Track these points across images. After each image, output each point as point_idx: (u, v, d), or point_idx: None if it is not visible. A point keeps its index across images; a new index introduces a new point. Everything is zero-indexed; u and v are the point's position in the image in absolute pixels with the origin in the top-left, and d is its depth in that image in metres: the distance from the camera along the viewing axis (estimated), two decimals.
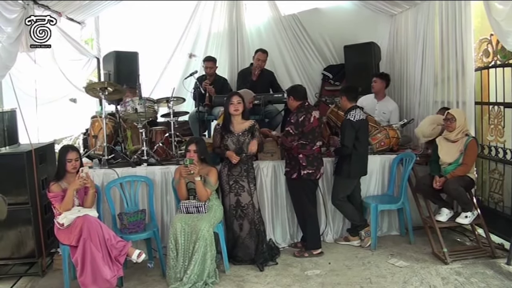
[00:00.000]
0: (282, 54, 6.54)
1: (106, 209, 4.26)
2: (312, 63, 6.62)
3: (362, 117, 4.41)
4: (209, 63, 5.86)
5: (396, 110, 5.42)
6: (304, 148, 4.24)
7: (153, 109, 4.72)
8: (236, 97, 4.22)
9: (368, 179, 4.77)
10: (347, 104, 4.48)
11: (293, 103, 4.32)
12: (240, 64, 6.48)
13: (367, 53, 6.02)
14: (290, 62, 6.54)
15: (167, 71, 6.46)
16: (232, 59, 6.54)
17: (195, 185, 4.00)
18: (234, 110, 4.18)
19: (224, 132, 4.23)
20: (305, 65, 6.60)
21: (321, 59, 6.62)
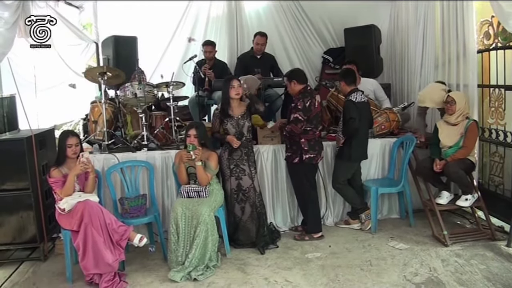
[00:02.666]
0: (281, 38, 6.49)
1: (107, 194, 4.26)
2: (312, 47, 6.57)
3: (364, 99, 4.39)
4: (208, 47, 5.83)
5: (377, 86, 5.38)
6: (306, 134, 4.22)
7: (153, 94, 4.71)
8: (236, 80, 4.20)
9: (369, 163, 4.76)
10: (346, 88, 4.46)
11: (296, 87, 4.27)
12: (239, 48, 6.44)
13: (367, 36, 5.97)
14: (290, 46, 6.50)
15: (166, 56, 6.43)
16: (232, 43, 6.49)
17: (196, 169, 4.00)
18: (236, 94, 4.16)
19: (223, 116, 4.21)
20: (305, 48, 6.55)
21: (321, 42, 6.57)
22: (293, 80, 4.29)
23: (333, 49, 6.57)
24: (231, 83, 4.18)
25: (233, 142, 4.13)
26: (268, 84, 5.34)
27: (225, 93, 4.20)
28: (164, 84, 4.81)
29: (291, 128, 4.20)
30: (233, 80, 4.20)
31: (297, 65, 6.21)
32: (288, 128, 4.22)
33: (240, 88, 4.18)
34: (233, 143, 4.13)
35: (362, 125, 4.36)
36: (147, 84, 4.66)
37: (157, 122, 4.93)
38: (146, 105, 4.69)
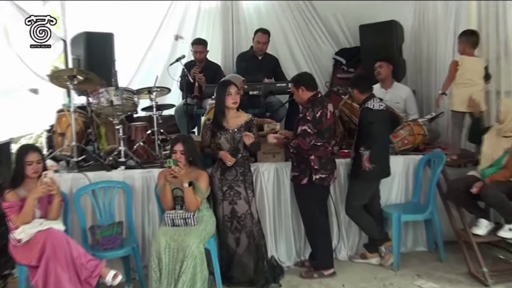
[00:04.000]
0: (286, 36, 6.53)
1: (74, 222, 4.22)
2: (322, 46, 6.60)
3: (382, 107, 4.40)
4: (198, 46, 5.85)
5: (411, 96, 5.48)
6: (317, 149, 4.19)
7: (132, 102, 4.70)
8: (233, 86, 4.19)
9: (389, 184, 4.74)
10: (360, 96, 4.48)
11: (305, 95, 4.27)
12: (236, 48, 6.48)
13: (387, 34, 6.00)
14: (296, 46, 6.53)
15: (148, 57, 6.44)
16: (227, 43, 6.52)
17: (183, 192, 3.97)
18: (233, 103, 4.15)
19: (216, 128, 4.19)
20: (313, 48, 6.59)
21: (333, 42, 6.60)
22: (301, 87, 4.27)
23: (346, 49, 6.58)
24: (227, 89, 4.16)
25: (227, 159, 4.10)
26: (270, 91, 5.35)
27: (220, 101, 4.18)
28: (145, 90, 4.80)
29: (298, 143, 4.15)
30: (230, 86, 4.18)
31: (304, 68, 6.24)
32: (295, 143, 4.18)
33: (238, 96, 4.17)
34: (227, 161, 4.10)
35: (381, 137, 4.35)
36: (125, 90, 4.66)
37: (137, 135, 4.91)
38: (124, 114, 4.69)
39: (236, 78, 4.80)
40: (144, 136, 4.84)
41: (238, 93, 4.21)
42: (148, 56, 6.44)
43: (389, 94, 5.49)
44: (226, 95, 4.14)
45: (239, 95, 4.21)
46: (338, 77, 6.50)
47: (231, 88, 4.16)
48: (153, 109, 4.75)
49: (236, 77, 4.91)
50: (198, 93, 5.67)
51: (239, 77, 4.97)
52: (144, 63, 6.42)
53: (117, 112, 4.57)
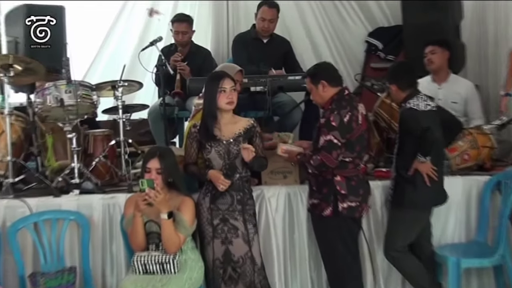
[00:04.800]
0: (301, 12, 6.64)
1: (8, 265, 4.23)
2: (351, 26, 6.72)
3: (432, 107, 4.39)
4: (181, 25, 5.93)
5: (473, 94, 5.52)
6: (344, 167, 4.17)
7: (91, 101, 4.74)
8: (228, 80, 4.19)
9: (444, 216, 4.73)
10: (400, 94, 4.51)
11: (326, 92, 4.27)
12: (232, 28, 6.60)
13: (439, 8, 6.04)
14: (315, 25, 6.65)
15: (112, 39, 6.55)
16: (219, 20, 6.66)
17: (160, 226, 3.96)
18: (228, 103, 4.15)
19: (205, 138, 4.18)
20: (339, 29, 6.71)
21: (365, 19, 6.71)
22: (321, 81, 4.27)
23: (383, 29, 6.67)
24: (220, 84, 4.15)
25: (219, 181, 4.08)
26: (279, 86, 5.37)
27: (210, 100, 4.17)
28: (108, 85, 4.83)
29: (321, 159, 4.13)
30: (224, 80, 4.17)
31: (326, 56, 6.38)
32: (316, 159, 4.15)
33: (234, 93, 4.16)
34: (219, 183, 4.08)
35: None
36: (81, 85, 4.69)
37: (97, 147, 4.96)
38: (79, 118, 4.72)
39: (232, 69, 4.80)
40: (106, 148, 4.86)
41: (235, 90, 4.21)
42: (111, 38, 6.55)
43: (443, 91, 5.52)
44: (218, 93, 4.13)
45: (236, 92, 4.21)
46: (373, 67, 6.59)
47: (225, 83, 4.15)
48: (119, 111, 4.77)
49: (232, 68, 4.91)
50: (181, 89, 5.72)
51: (236, 67, 4.97)
52: (106, 48, 6.53)
53: (69, 115, 4.59)
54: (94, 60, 6.42)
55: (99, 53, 6.47)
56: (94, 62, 6.41)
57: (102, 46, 6.49)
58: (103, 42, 6.50)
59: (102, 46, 6.50)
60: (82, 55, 6.27)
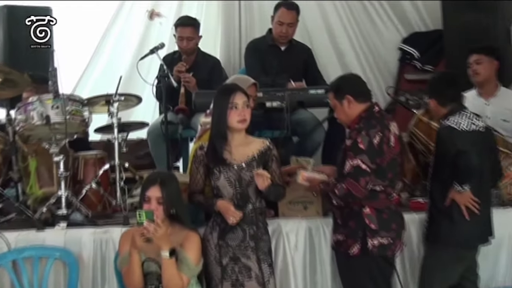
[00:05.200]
0: (325, 16, 6.74)
1: None
2: (383, 31, 6.78)
3: (477, 127, 4.39)
4: (186, 29, 5.98)
5: None
6: (375, 197, 4.16)
7: (81, 118, 4.77)
8: (240, 94, 4.17)
9: (494, 256, 4.72)
10: (440, 110, 4.52)
11: (352, 109, 4.27)
12: (244, 34, 6.69)
13: (486, 10, 6.06)
14: (341, 30, 6.74)
15: (106, 46, 6.63)
16: (230, 25, 6.76)
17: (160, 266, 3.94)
18: (240, 121, 4.13)
19: (213, 162, 4.18)
20: (368, 34, 6.77)
21: (399, 23, 6.76)
22: (347, 96, 4.28)
23: (420, 34, 6.72)
24: (231, 99, 4.15)
25: (229, 213, 4.07)
26: (299, 101, 5.40)
27: (219, 118, 4.18)
28: (102, 99, 4.88)
29: (347, 188, 4.11)
30: (235, 94, 4.16)
31: (354, 66, 6.45)
32: (341, 188, 4.14)
33: (247, 110, 4.15)
34: (229, 216, 4.07)
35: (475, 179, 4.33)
36: (70, 99, 4.72)
37: (88, 172, 5.01)
38: (67, 138, 4.75)
39: (245, 82, 4.79)
40: (98, 174, 4.90)
41: (248, 106, 4.19)
42: (106, 45, 6.63)
43: (491, 107, 5.50)
44: (228, 109, 4.13)
45: (249, 108, 4.19)
46: (408, 79, 6.60)
47: (236, 97, 4.14)
48: (114, 130, 4.82)
49: (245, 80, 4.90)
50: (185, 104, 5.76)
51: (250, 79, 4.96)
52: (99, 56, 6.61)
53: (56, 135, 4.63)
54: (85, 70, 6.48)
55: (91, 62, 6.53)
56: (86, 73, 6.47)
57: (95, 54, 6.55)
58: (96, 49, 6.57)
59: (95, 54, 6.55)
60: (72, 65, 6.33)
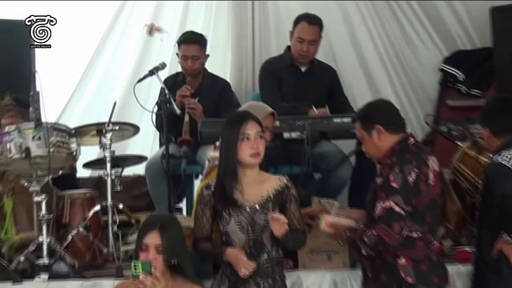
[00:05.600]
0: (351, 30, 6.82)
1: None
2: (420, 48, 6.83)
3: None
4: (191, 47, 6.03)
5: None
6: (411, 246, 4.14)
7: (68, 150, 4.81)
8: (252, 123, 4.17)
9: None
10: (493, 141, 4.52)
11: (383, 141, 4.27)
12: (259, 51, 6.79)
13: None
14: (371, 47, 6.80)
15: (98, 66, 6.70)
16: (242, 42, 6.84)
17: None
18: (252, 155, 4.12)
19: (222, 204, 4.17)
20: (402, 52, 6.85)
21: (440, 39, 6.79)
22: (377, 126, 4.28)
23: (465, 52, 6.74)
24: (242, 128, 4.14)
25: (240, 264, 4.03)
26: (322, 131, 5.45)
27: (229, 151, 4.17)
28: (93, 129, 4.93)
29: (378, 235, 4.08)
30: (247, 123, 4.15)
31: (386, 90, 6.53)
32: (372, 235, 4.11)
33: (260, 142, 4.14)
34: (240, 267, 4.03)
35: None
36: (54, 128, 4.77)
37: (75, 215, 5.05)
38: (51, 175, 4.79)
39: (260, 110, 4.78)
40: (87, 216, 4.92)
41: (263, 137, 4.19)
42: (97, 65, 6.70)
43: None
44: (239, 141, 4.12)
45: (263, 140, 4.19)
46: (450, 106, 6.62)
47: (249, 127, 4.13)
48: (106, 165, 4.87)
49: (260, 109, 4.91)
50: (190, 135, 5.76)
51: (266, 108, 4.99)
52: (90, 78, 6.67)
53: (37, 171, 4.67)
54: (73, 95, 6.54)
55: (80, 85, 6.60)
56: (74, 97, 6.53)
57: (85, 76, 6.63)
58: (86, 70, 6.64)
59: (85, 75, 6.63)
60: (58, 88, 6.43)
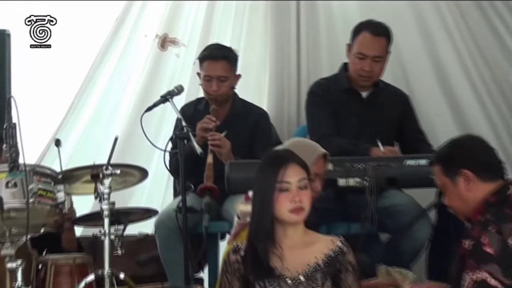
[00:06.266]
0: (430, 43, 6.86)
1: None
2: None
3: None
4: (216, 64, 6.07)
5: None
6: None
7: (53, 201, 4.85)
8: (294, 167, 4.13)
9: None
10: None
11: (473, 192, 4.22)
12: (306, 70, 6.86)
13: None
14: (455, 63, 6.83)
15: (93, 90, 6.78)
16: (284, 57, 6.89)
17: None
18: (293, 211, 4.08)
19: (255, 273, 4.13)
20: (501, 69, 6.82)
21: None
22: (463, 171, 4.24)
23: None
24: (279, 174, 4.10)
25: None
26: (390, 177, 5.38)
27: (263, 204, 4.13)
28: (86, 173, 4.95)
29: None
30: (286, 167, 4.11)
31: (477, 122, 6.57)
32: None
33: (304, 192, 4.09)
34: None
35: None
36: (35, 173, 4.81)
37: (61, 286, 5.11)
38: (31, 234, 4.80)
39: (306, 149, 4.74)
40: None
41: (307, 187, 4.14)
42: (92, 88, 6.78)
43: None
44: (276, 191, 4.09)
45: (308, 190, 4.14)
46: None
47: (289, 173, 4.10)
48: (104, 221, 4.81)
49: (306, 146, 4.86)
50: (214, 181, 5.71)
51: (314, 146, 4.92)
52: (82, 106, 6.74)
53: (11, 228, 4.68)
54: (61, 127, 6.58)
55: (70, 115, 6.63)
56: (62, 131, 6.55)
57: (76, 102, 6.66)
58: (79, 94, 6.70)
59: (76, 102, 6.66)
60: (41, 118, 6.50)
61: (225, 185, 5.59)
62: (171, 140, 5.68)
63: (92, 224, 5.21)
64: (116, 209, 4.91)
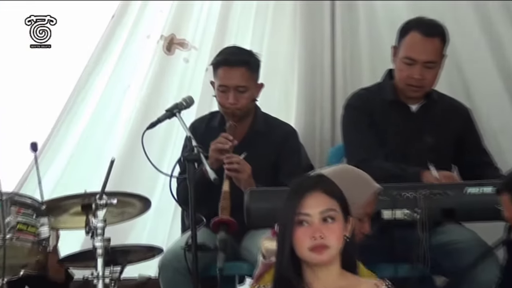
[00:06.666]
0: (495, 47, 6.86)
1: None
2: None
3: None
4: (233, 72, 6.06)
5: None
6: None
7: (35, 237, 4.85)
8: (317, 195, 3.99)
9: None
10: None
11: None
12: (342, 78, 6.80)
13: None
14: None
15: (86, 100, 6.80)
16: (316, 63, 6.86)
17: None
18: (313, 249, 3.92)
19: None
20: None
21: None
22: None
23: None
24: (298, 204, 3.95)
25: None
26: (447, 209, 5.26)
27: (284, 241, 3.99)
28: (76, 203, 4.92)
29: None
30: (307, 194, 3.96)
31: None
32: None
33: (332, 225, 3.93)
34: None
35: None
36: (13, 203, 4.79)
37: None
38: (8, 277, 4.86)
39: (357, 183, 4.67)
40: None
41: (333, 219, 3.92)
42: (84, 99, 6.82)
43: None
44: (295, 225, 3.95)
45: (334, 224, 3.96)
46: None
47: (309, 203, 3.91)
48: (97, 261, 4.77)
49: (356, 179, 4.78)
50: (231, 213, 5.61)
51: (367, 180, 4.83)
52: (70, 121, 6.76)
53: None
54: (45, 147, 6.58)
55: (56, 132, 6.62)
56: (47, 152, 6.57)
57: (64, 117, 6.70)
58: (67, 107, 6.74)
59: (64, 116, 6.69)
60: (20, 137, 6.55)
61: (244, 218, 5.50)
62: (179, 163, 5.66)
63: (83, 265, 5.18)
64: (112, 247, 4.87)
